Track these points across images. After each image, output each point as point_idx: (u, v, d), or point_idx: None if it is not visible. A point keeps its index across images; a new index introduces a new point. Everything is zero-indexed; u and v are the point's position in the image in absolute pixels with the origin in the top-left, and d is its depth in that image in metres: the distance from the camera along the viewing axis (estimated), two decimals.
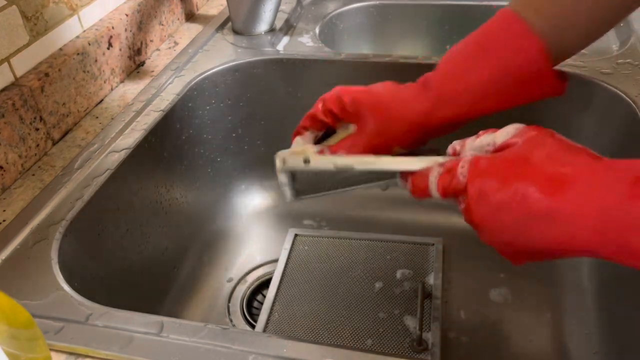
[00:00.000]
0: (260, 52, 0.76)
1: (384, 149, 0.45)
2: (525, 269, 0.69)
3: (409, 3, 0.92)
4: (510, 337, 0.62)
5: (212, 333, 0.40)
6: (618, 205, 0.29)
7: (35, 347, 0.34)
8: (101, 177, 0.56)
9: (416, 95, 0.44)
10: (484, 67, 0.42)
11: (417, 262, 0.69)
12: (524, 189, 0.33)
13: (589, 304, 0.64)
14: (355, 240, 0.73)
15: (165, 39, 0.82)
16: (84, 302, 0.44)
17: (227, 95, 0.75)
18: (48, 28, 0.62)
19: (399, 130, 0.45)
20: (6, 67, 0.57)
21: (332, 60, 0.74)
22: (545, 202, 0.32)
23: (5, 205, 0.54)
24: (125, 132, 0.62)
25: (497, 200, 0.34)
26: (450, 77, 0.43)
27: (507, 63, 0.41)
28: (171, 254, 0.68)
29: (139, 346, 0.40)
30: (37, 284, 0.45)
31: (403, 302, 0.64)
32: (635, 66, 0.66)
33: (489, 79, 0.42)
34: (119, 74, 0.72)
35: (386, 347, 0.60)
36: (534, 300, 0.66)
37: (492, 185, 0.35)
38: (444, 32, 0.91)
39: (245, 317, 0.67)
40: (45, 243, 0.49)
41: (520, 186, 0.33)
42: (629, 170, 0.30)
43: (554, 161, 0.33)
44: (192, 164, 0.73)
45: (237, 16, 0.81)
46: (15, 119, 0.56)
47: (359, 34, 0.95)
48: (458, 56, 0.44)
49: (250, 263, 0.74)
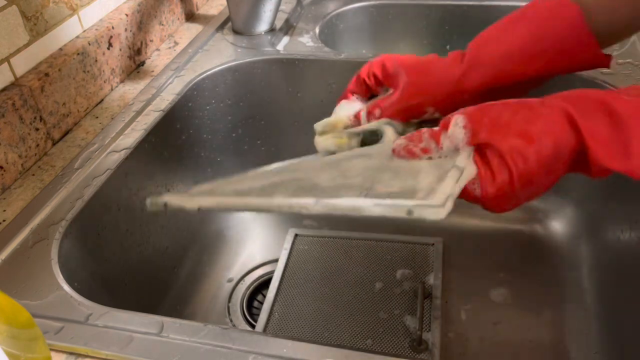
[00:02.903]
0: (260, 52, 0.76)
1: (417, 109, 0.47)
2: (525, 269, 0.69)
3: (409, 3, 0.92)
4: (510, 337, 0.62)
5: (212, 333, 0.40)
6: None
7: (35, 347, 0.34)
8: (101, 177, 0.56)
9: (454, 59, 0.46)
10: (521, 30, 0.43)
11: (417, 262, 0.69)
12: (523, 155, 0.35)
13: (589, 304, 0.64)
14: (356, 240, 0.73)
15: (165, 39, 0.82)
16: (84, 302, 0.44)
17: (227, 95, 0.75)
18: (48, 28, 0.62)
19: (435, 91, 0.46)
20: (6, 67, 0.57)
21: (332, 60, 0.74)
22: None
23: (5, 205, 0.54)
24: (125, 132, 0.62)
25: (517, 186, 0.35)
26: (487, 41, 0.45)
27: (545, 27, 0.42)
28: (171, 254, 0.68)
29: (139, 346, 0.40)
30: (37, 284, 0.45)
31: (403, 302, 0.64)
32: (635, 66, 0.66)
33: (526, 41, 0.43)
34: (119, 74, 0.72)
35: (386, 347, 0.60)
36: (534, 300, 0.66)
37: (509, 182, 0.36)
38: (444, 32, 0.91)
39: (245, 317, 0.67)
40: (45, 243, 0.49)
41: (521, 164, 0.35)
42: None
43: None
44: (192, 164, 0.73)
45: (237, 16, 0.81)
46: (15, 119, 0.56)
47: (359, 34, 0.95)
48: (498, 24, 0.45)
49: (250, 263, 0.74)
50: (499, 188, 0.36)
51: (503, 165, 0.35)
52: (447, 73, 0.46)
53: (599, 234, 0.67)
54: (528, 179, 0.35)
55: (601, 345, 0.59)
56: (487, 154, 0.36)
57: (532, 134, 0.35)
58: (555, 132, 0.35)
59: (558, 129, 0.35)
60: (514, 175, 0.35)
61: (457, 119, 0.37)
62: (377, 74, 0.49)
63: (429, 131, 0.39)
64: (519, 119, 0.36)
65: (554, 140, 0.35)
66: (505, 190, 0.36)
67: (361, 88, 0.51)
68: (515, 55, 0.43)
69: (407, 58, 0.48)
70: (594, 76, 0.65)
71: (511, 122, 0.36)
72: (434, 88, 0.46)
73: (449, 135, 0.38)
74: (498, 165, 0.35)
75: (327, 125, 0.49)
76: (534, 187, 0.36)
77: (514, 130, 0.35)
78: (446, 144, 0.38)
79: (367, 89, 0.51)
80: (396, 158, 0.40)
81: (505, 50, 0.43)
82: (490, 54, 0.44)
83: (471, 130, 0.37)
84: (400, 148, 0.40)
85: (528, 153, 0.35)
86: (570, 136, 0.35)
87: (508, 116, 0.36)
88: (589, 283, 0.66)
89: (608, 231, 0.64)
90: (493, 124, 0.36)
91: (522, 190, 0.36)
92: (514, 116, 0.36)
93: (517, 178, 0.35)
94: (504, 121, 0.36)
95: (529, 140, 0.35)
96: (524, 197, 0.37)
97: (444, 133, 0.38)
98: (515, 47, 0.43)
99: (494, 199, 0.36)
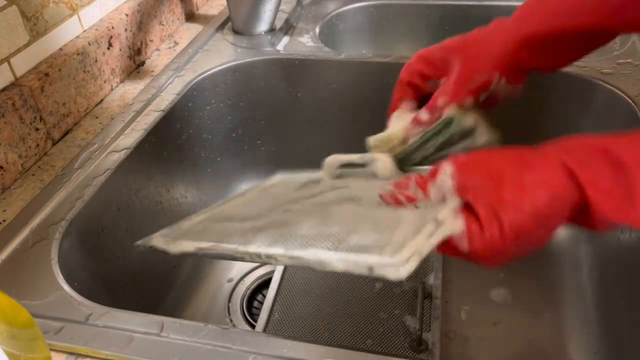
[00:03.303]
0: (260, 52, 0.76)
1: (483, 79, 0.43)
2: (525, 269, 0.69)
3: (409, 3, 0.92)
4: (510, 337, 0.62)
5: (212, 333, 0.40)
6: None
7: (35, 347, 0.34)
8: (101, 177, 0.56)
9: (503, 21, 0.43)
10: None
11: None
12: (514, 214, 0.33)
13: (589, 304, 0.64)
14: None
15: (165, 39, 0.82)
16: (84, 302, 0.44)
17: (227, 95, 0.75)
18: (48, 28, 0.62)
19: (494, 52, 0.43)
20: (6, 67, 0.57)
21: (332, 60, 0.74)
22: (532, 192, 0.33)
23: (5, 205, 0.54)
24: (125, 132, 0.62)
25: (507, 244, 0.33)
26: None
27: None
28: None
29: (139, 346, 0.40)
30: (37, 284, 0.45)
31: (403, 302, 0.64)
32: (635, 66, 0.66)
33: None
34: (119, 74, 0.72)
35: (386, 347, 0.60)
36: (534, 300, 0.66)
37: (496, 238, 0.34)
38: (444, 32, 0.91)
39: (245, 317, 0.67)
40: (45, 243, 0.49)
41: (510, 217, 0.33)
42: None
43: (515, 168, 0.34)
44: (192, 164, 0.73)
45: (237, 16, 0.81)
46: (15, 119, 0.56)
47: (359, 34, 0.95)
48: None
49: (250, 263, 0.74)
50: (488, 243, 0.33)
51: (493, 218, 0.33)
52: (501, 30, 0.43)
53: (599, 234, 0.67)
54: (520, 234, 0.33)
55: (601, 345, 0.59)
56: (475, 206, 0.34)
57: (525, 185, 0.33)
58: (551, 184, 0.32)
59: (555, 181, 0.32)
60: (505, 229, 0.32)
61: (446, 167, 0.35)
62: (422, 70, 0.46)
63: (417, 178, 0.37)
64: (512, 170, 0.34)
65: (549, 192, 0.32)
66: (494, 246, 0.33)
67: (408, 91, 0.47)
68: (572, 6, 0.41)
69: (446, 42, 0.45)
70: (594, 76, 0.65)
71: (504, 173, 0.34)
72: (493, 49, 0.43)
73: (437, 184, 0.36)
74: (487, 218, 0.33)
75: (381, 141, 0.46)
76: (526, 242, 0.33)
77: (506, 181, 0.33)
78: (434, 193, 0.36)
79: (415, 90, 0.47)
80: (384, 205, 0.38)
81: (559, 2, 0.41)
82: (541, 4, 0.42)
83: (459, 180, 0.35)
84: (387, 195, 0.38)
85: (521, 205, 0.32)
86: (569, 188, 0.32)
87: (500, 166, 0.34)
88: (589, 283, 0.66)
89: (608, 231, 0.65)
90: (483, 173, 0.34)
91: (513, 245, 0.33)
92: (507, 167, 0.34)
93: (508, 232, 0.32)
94: (495, 171, 0.34)
95: (522, 191, 0.32)
96: (516, 253, 0.34)
97: (431, 182, 0.36)
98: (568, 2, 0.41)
99: (482, 254, 0.34)
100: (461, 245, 0.34)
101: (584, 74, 0.65)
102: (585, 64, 0.66)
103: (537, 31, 0.42)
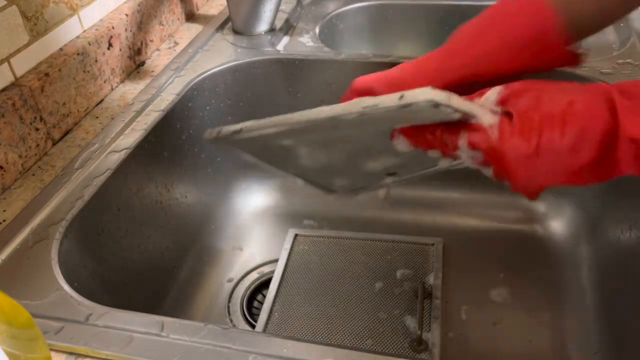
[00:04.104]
0: (260, 52, 0.76)
1: None
2: (526, 269, 0.69)
3: (409, 3, 0.92)
4: (510, 337, 0.62)
5: (212, 333, 0.40)
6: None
7: (35, 347, 0.34)
8: (101, 177, 0.56)
9: (426, 59, 0.45)
10: (495, 34, 0.42)
11: (417, 262, 0.69)
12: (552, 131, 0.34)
13: (589, 304, 0.64)
14: (356, 240, 0.73)
15: (165, 39, 0.82)
16: (84, 302, 0.44)
17: (227, 95, 0.75)
18: (48, 28, 0.62)
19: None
20: (6, 67, 0.57)
21: (332, 60, 0.74)
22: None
23: (5, 205, 0.54)
24: (125, 132, 0.62)
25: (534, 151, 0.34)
26: (468, 45, 0.44)
27: (514, 28, 0.41)
28: (171, 254, 0.68)
29: (139, 346, 0.40)
30: (37, 284, 0.45)
31: (403, 302, 0.64)
32: (635, 66, 0.66)
33: (496, 46, 0.42)
34: (119, 74, 0.72)
35: (386, 347, 0.60)
36: (534, 300, 0.66)
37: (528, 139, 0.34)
38: (444, 32, 0.91)
39: (245, 317, 0.67)
40: (45, 243, 0.49)
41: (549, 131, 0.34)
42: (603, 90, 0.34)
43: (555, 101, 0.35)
44: (192, 164, 0.73)
45: (237, 16, 0.81)
46: (15, 119, 0.56)
47: (359, 34, 0.95)
48: (470, 27, 0.45)
49: (250, 263, 0.74)
50: (517, 142, 0.34)
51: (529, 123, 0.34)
52: (424, 69, 0.44)
53: (599, 234, 0.67)
54: (550, 147, 0.33)
55: (601, 345, 0.59)
56: (514, 112, 0.35)
57: (565, 110, 0.33)
58: (589, 114, 0.33)
59: (593, 112, 0.33)
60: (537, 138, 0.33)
61: (496, 87, 0.37)
62: (376, 88, 0.46)
63: (446, 129, 0.37)
64: (558, 95, 0.34)
65: (583, 123, 0.33)
66: (523, 147, 0.34)
67: None
68: (492, 55, 0.42)
69: (380, 81, 0.46)
70: (594, 76, 0.65)
71: (548, 95, 0.35)
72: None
73: (483, 98, 0.37)
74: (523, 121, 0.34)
75: None
76: (556, 161, 0.34)
77: (547, 102, 0.34)
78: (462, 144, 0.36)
79: None
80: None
81: (481, 52, 0.43)
82: (464, 56, 0.43)
83: (504, 95, 0.36)
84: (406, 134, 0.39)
85: (558, 124, 0.33)
86: (605, 116, 0.33)
87: (547, 88, 0.35)
88: (589, 283, 0.66)
89: (608, 231, 0.65)
90: (529, 93, 0.35)
91: (541, 159, 0.34)
92: (554, 91, 0.35)
93: (539, 142, 0.33)
94: (541, 91, 0.35)
95: (562, 115, 0.33)
96: (543, 173, 0.34)
97: (477, 97, 0.37)
98: (490, 48, 0.42)
99: (508, 152, 0.34)
100: (491, 134, 0.35)
101: (584, 74, 0.65)
102: (585, 64, 0.66)
103: (458, 79, 0.43)
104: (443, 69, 0.44)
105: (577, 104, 0.34)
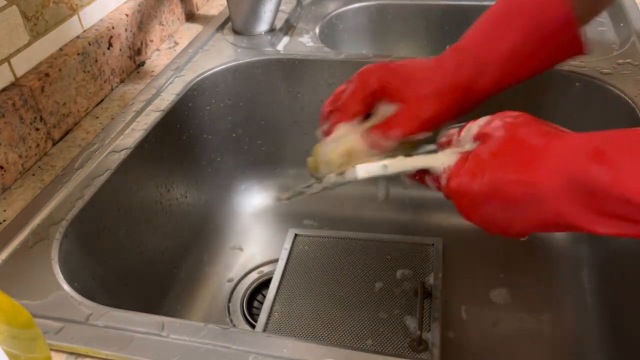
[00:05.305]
0: (260, 52, 0.76)
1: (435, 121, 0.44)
2: (525, 269, 0.69)
3: (409, 3, 0.92)
4: (510, 337, 0.62)
5: (213, 333, 0.40)
6: (580, 173, 0.30)
7: (35, 347, 0.34)
8: (101, 177, 0.56)
9: (457, 65, 0.43)
10: (516, 30, 0.42)
11: (417, 262, 0.69)
12: (496, 177, 0.34)
13: (589, 304, 0.64)
14: (355, 240, 0.73)
15: (165, 39, 0.82)
16: (84, 302, 0.44)
17: (227, 95, 0.75)
18: (48, 28, 0.62)
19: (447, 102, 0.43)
20: (6, 67, 0.57)
21: (332, 60, 0.74)
22: (519, 184, 0.33)
23: (5, 205, 0.54)
24: (125, 132, 0.62)
25: (475, 196, 0.35)
26: (485, 43, 0.43)
27: (537, 21, 0.41)
28: (171, 254, 0.68)
29: (139, 346, 0.40)
30: (37, 284, 0.45)
31: (403, 302, 0.64)
32: (635, 66, 0.66)
33: (522, 40, 0.42)
34: (119, 74, 0.72)
35: (386, 347, 0.60)
36: (534, 300, 0.66)
37: (468, 182, 0.36)
38: (444, 32, 0.91)
39: (245, 317, 0.67)
40: (45, 243, 0.49)
41: (492, 176, 0.34)
42: (589, 141, 0.31)
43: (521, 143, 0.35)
44: (192, 164, 0.73)
45: (237, 16, 0.81)
46: (15, 119, 0.56)
47: (359, 34, 0.95)
48: (486, 23, 0.44)
49: (250, 263, 0.74)
50: (458, 183, 0.36)
51: (480, 167, 0.35)
52: (455, 76, 0.43)
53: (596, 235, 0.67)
54: (493, 194, 0.34)
55: (601, 345, 0.59)
56: (477, 150, 0.36)
57: (527, 161, 0.34)
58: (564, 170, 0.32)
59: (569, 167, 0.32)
60: (483, 180, 0.34)
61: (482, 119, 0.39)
62: (377, 88, 0.45)
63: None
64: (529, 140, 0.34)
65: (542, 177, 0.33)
66: (465, 188, 0.36)
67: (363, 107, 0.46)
68: (517, 55, 0.42)
69: (405, 66, 0.45)
70: (594, 76, 0.65)
71: (520, 141, 0.35)
72: (445, 94, 0.43)
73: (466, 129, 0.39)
74: (476, 163, 0.35)
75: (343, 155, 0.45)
76: (497, 209, 0.35)
77: (516, 148, 0.35)
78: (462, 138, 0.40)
79: (366, 107, 0.46)
80: None
81: (505, 51, 0.42)
82: (492, 55, 0.42)
83: (483, 129, 0.37)
84: None
85: (510, 172, 0.34)
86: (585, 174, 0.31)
87: (521, 134, 0.35)
88: (589, 283, 0.66)
89: None
90: (503, 131, 0.36)
91: (483, 200, 0.35)
92: (528, 137, 0.35)
93: (483, 185, 0.34)
94: (515, 135, 0.35)
95: (521, 164, 0.34)
96: (489, 214, 0.36)
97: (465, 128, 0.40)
98: (517, 45, 0.42)
99: (454, 195, 0.37)
100: (442, 178, 0.38)
101: (584, 74, 0.65)
102: (585, 64, 0.66)
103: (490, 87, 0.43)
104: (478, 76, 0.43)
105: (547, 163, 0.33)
